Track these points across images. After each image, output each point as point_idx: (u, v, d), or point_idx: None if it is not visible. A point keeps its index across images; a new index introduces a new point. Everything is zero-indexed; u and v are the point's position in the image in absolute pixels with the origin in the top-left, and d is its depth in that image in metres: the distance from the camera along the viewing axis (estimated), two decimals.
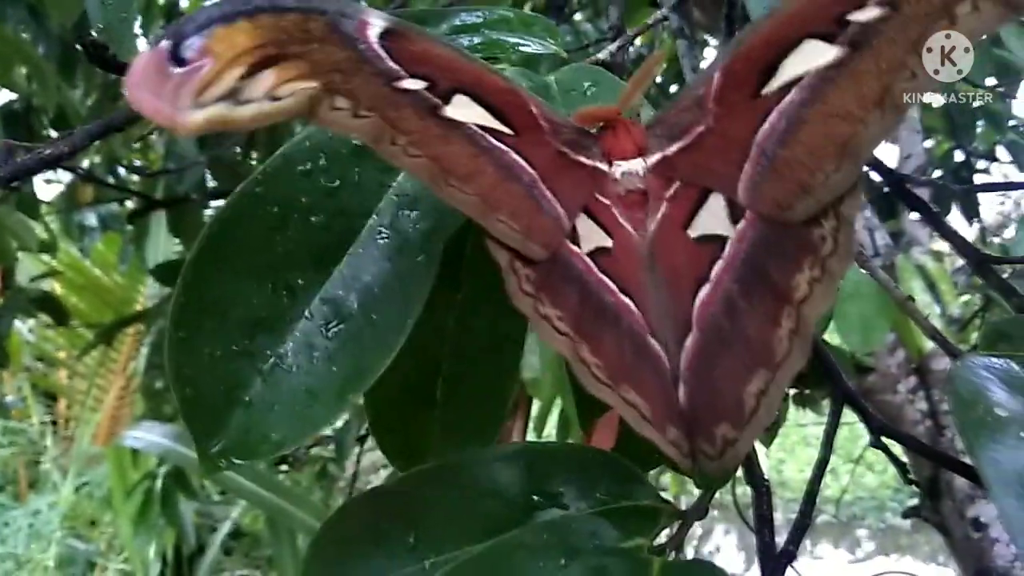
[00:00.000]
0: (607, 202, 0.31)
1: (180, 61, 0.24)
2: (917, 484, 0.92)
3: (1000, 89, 1.63)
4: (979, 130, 1.84)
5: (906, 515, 1.24)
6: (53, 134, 1.71)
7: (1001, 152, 1.82)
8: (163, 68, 0.24)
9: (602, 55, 0.42)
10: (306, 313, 0.30)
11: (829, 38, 0.27)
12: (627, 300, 0.29)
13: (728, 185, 0.29)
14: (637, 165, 0.31)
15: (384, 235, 0.31)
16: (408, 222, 0.32)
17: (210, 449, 0.28)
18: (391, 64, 0.27)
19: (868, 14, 0.26)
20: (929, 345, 1.21)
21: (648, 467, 0.37)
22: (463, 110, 0.28)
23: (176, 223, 1.40)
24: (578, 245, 0.30)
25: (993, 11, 0.25)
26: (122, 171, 1.80)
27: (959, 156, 1.82)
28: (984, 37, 0.27)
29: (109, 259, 2.64)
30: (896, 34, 0.26)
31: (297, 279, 0.30)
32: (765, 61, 0.28)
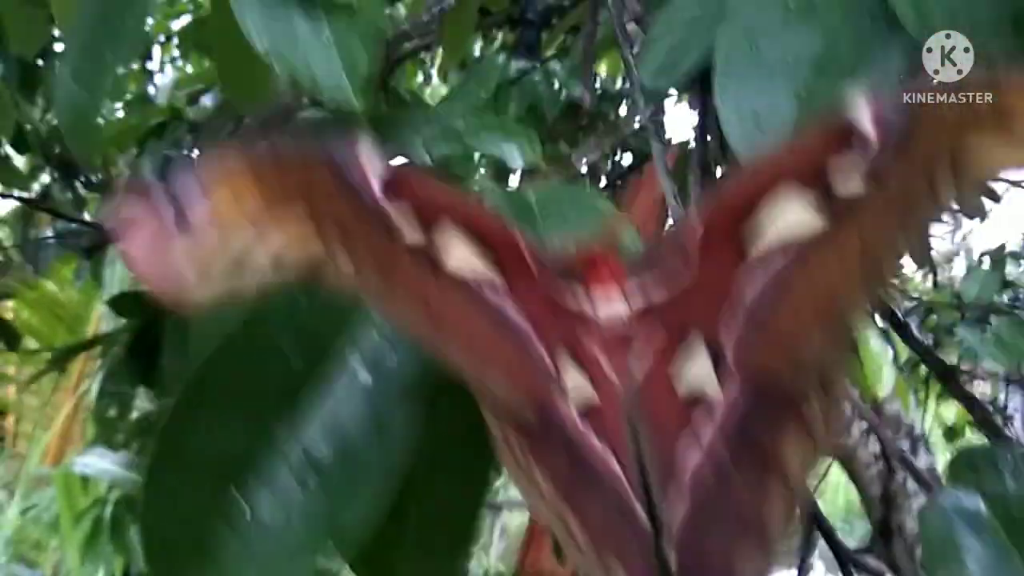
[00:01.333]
0: (592, 349, 0.30)
1: (183, 226, 0.24)
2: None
3: None
4: None
5: (858, 554, 1.27)
6: (11, 152, 1.67)
7: None
8: (166, 233, 0.24)
9: (583, 166, 0.42)
10: (282, 462, 0.29)
11: (812, 203, 0.27)
12: (613, 461, 0.29)
13: (715, 343, 0.29)
14: (620, 308, 0.31)
15: (363, 375, 0.31)
16: (390, 361, 0.31)
17: None
18: (392, 216, 0.27)
19: (851, 187, 0.27)
20: (883, 392, 1.24)
21: None
22: (461, 259, 0.28)
23: None
24: (566, 401, 0.29)
25: (971, 185, 0.26)
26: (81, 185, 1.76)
27: None
28: None
29: (64, 274, 2.58)
30: (881, 210, 0.26)
31: (274, 425, 0.30)
32: (747, 217, 0.28)
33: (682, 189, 0.47)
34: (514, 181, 0.45)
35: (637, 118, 0.41)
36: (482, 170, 0.41)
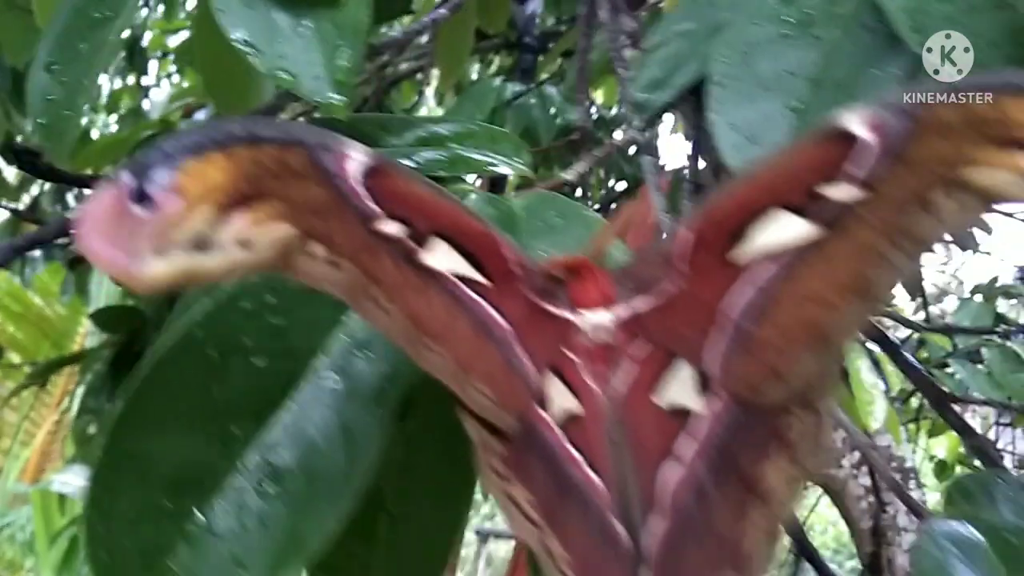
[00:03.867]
0: (575, 359, 0.29)
1: (144, 199, 0.22)
2: None
3: None
4: None
5: None
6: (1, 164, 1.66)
7: None
8: (123, 207, 0.22)
9: (570, 175, 0.41)
10: (239, 468, 0.28)
11: (802, 212, 0.26)
12: (595, 477, 0.27)
13: (697, 354, 0.28)
14: (605, 317, 0.30)
15: (332, 379, 0.29)
16: (361, 365, 0.30)
17: None
18: (370, 204, 0.25)
19: (842, 193, 0.25)
20: (875, 424, 1.23)
21: None
22: (440, 256, 0.27)
23: None
24: (549, 411, 0.28)
25: (970, 203, 0.24)
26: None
27: None
28: None
29: (51, 288, 2.56)
30: (873, 219, 0.25)
31: (233, 429, 0.28)
32: (735, 225, 0.27)
33: (673, 211, 0.46)
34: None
35: (630, 139, 0.39)
36: (471, 178, 0.39)
